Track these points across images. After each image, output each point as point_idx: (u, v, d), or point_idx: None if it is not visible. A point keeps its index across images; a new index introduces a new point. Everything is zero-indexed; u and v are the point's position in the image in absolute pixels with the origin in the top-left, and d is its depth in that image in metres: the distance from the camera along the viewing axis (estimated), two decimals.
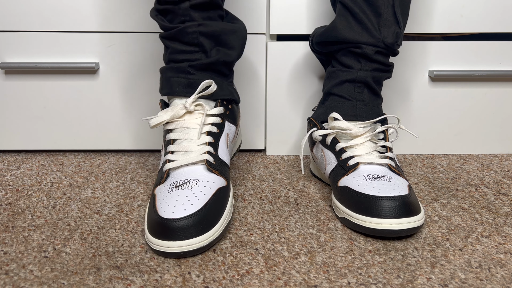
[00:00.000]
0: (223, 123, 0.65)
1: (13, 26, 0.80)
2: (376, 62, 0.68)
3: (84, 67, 0.81)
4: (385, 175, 0.63)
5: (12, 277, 0.52)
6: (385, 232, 0.58)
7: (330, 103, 0.71)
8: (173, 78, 0.64)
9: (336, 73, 0.70)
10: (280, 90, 0.85)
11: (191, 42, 0.63)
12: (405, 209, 0.58)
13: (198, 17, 0.62)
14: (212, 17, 0.63)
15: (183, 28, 0.62)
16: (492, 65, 0.84)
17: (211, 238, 0.56)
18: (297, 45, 0.83)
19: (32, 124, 0.86)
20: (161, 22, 0.64)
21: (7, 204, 0.69)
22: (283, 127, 0.87)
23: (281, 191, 0.74)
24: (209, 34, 0.63)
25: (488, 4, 0.81)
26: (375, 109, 0.70)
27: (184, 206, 0.55)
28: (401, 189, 0.60)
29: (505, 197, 0.72)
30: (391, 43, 0.66)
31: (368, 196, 0.59)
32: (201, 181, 0.59)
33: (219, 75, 0.67)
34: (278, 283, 0.52)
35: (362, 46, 0.66)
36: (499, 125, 0.88)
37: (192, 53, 0.64)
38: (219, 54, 0.64)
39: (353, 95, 0.69)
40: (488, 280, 0.52)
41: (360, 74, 0.68)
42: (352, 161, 0.65)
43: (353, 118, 0.68)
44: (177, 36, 0.63)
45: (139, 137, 0.88)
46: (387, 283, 0.52)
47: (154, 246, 0.55)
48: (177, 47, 0.64)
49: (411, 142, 0.89)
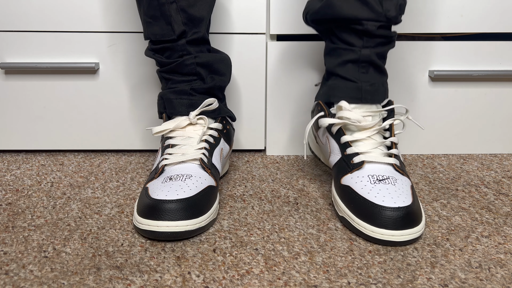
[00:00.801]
0: (219, 138, 0.72)
1: (13, 26, 0.80)
2: (379, 37, 0.65)
3: (84, 67, 0.81)
4: (390, 176, 0.62)
5: (12, 277, 0.52)
6: (385, 243, 0.58)
7: (334, 83, 0.69)
8: (176, 100, 0.70)
9: (337, 50, 0.68)
10: (280, 90, 0.85)
11: (190, 72, 0.70)
12: (407, 220, 0.57)
13: (193, 51, 0.69)
14: (203, 50, 0.71)
15: (182, 61, 0.69)
16: (492, 65, 0.84)
17: (198, 225, 0.59)
18: (297, 45, 0.83)
19: (32, 124, 0.86)
20: (160, 59, 0.70)
21: (7, 204, 0.69)
22: (283, 127, 0.87)
23: (281, 191, 0.74)
24: (204, 64, 0.70)
25: (488, 4, 0.81)
26: (381, 89, 0.67)
27: (177, 192, 0.60)
28: (405, 196, 0.59)
29: (505, 197, 0.72)
30: (394, 16, 0.63)
31: (371, 203, 0.58)
32: (194, 176, 0.64)
33: (215, 98, 0.73)
34: (278, 283, 0.52)
35: (363, 22, 0.63)
36: (499, 125, 0.88)
37: (191, 82, 0.71)
38: (215, 80, 0.71)
39: (357, 76, 0.67)
40: (488, 280, 0.52)
41: (363, 52, 0.65)
42: (357, 158, 0.64)
43: (358, 101, 0.67)
44: (176, 69, 0.70)
45: (139, 137, 0.88)
46: (387, 283, 0.52)
47: (142, 226, 0.59)
48: (178, 78, 0.71)
49: (411, 142, 0.89)
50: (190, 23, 0.68)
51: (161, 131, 0.69)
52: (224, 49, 0.83)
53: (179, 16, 0.67)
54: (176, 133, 0.69)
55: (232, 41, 0.83)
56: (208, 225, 0.62)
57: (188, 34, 0.68)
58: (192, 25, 0.68)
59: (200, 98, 0.70)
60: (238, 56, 0.83)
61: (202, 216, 0.60)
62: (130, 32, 0.82)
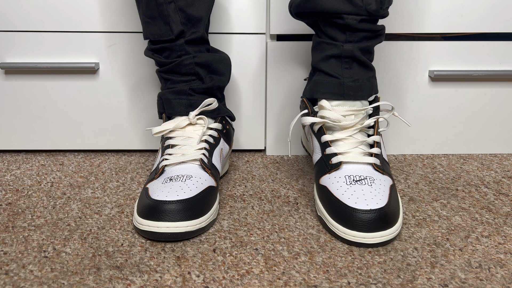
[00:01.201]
0: (219, 138, 0.72)
1: (13, 26, 0.80)
2: (362, 31, 0.63)
3: (84, 67, 0.81)
4: (367, 176, 0.61)
5: (12, 277, 0.52)
6: (358, 244, 0.58)
7: (317, 78, 0.68)
8: (175, 100, 0.70)
9: (321, 45, 0.67)
10: (280, 90, 0.85)
11: (188, 72, 0.70)
12: (380, 222, 0.57)
13: (191, 51, 0.69)
14: (202, 50, 0.71)
15: (181, 61, 0.69)
16: (492, 65, 0.84)
17: (198, 225, 0.59)
18: (297, 45, 0.83)
19: (32, 124, 0.86)
20: (158, 59, 0.70)
21: (7, 204, 0.69)
22: (283, 127, 0.87)
23: (281, 191, 0.74)
24: (202, 64, 0.70)
25: (488, 4, 0.81)
26: (366, 84, 0.66)
27: (177, 193, 0.60)
28: (380, 197, 0.59)
29: (505, 197, 0.72)
30: (375, 9, 0.61)
31: (344, 205, 0.58)
32: (194, 177, 0.63)
33: (214, 98, 0.72)
34: (278, 283, 0.52)
35: (343, 16, 0.62)
36: (499, 125, 0.88)
37: (190, 82, 0.71)
38: (214, 80, 0.71)
39: (339, 72, 0.66)
40: (488, 280, 0.52)
41: (346, 47, 0.64)
42: (335, 159, 0.64)
43: (340, 98, 0.65)
44: (175, 69, 0.70)
45: (139, 137, 0.88)
46: (387, 283, 0.52)
47: (143, 227, 0.58)
48: (176, 78, 0.71)
49: (411, 142, 0.89)
50: (189, 23, 0.68)
51: (161, 131, 0.69)
52: (224, 49, 0.83)
53: (177, 16, 0.67)
54: (175, 133, 0.69)
55: (232, 41, 0.83)
56: (209, 225, 0.62)
57: (186, 34, 0.68)
58: (191, 25, 0.68)
59: (199, 98, 0.70)
60: (238, 56, 0.83)
61: (203, 217, 0.60)
62: (130, 32, 0.82)
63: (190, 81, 0.70)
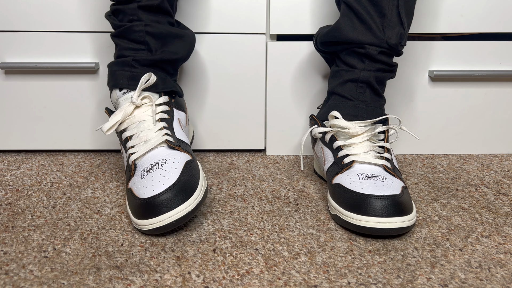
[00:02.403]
0: (172, 110, 0.69)
1: (13, 26, 0.80)
2: (379, 62, 0.68)
3: (84, 67, 0.81)
4: (379, 175, 0.63)
5: (12, 277, 0.52)
6: (373, 230, 0.58)
7: (333, 102, 0.71)
8: (118, 71, 0.68)
9: (340, 72, 0.71)
10: (280, 90, 0.85)
11: (137, 40, 0.67)
12: (394, 208, 0.58)
13: (145, 18, 0.66)
14: (161, 21, 0.68)
15: (130, 26, 0.66)
16: (492, 65, 0.84)
17: (195, 202, 0.59)
18: (297, 45, 0.83)
19: (32, 124, 0.86)
20: (113, 21, 0.68)
21: (7, 204, 0.69)
22: (283, 127, 0.87)
23: (281, 191, 0.74)
24: (155, 35, 0.67)
25: (488, 4, 0.81)
26: (377, 110, 0.70)
27: (162, 182, 0.59)
28: (392, 189, 0.60)
29: (505, 197, 0.72)
30: (394, 44, 0.67)
31: (358, 194, 0.60)
32: (168, 159, 0.62)
33: (163, 71, 0.70)
34: (278, 283, 0.52)
35: (365, 46, 0.67)
36: (499, 125, 0.88)
37: (137, 51, 0.68)
38: (164, 53, 0.68)
39: (355, 95, 0.69)
40: (488, 280, 0.52)
41: (363, 74, 0.68)
42: (347, 159, 0.66)
43: (354, 118, 0.69)
44: (125, 34, 0.67)
45: None
46: (387, 283, 0.52)
47: (145, 227, 0.58)
48: (125, 44, 0.68)
49: (411, 142, 0.89)
50: None
51: (112, 125, 0.65)
52: (224, 49, 0.83)
53: None
54: (127, 123, 0.66)
55: (232, 41, 0.83)
56: (205, 195, 0.61)
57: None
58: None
59: (142, 70, 0.67)
60: (238, 56, 0.83)
61: (195, 192, 0.59)
62: None
63: (138, 50, 0.67)
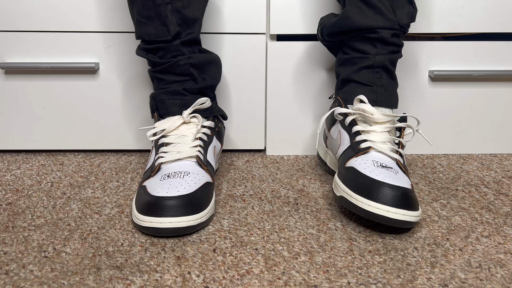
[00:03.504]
0: (212, 136, 0.73)
1: (13, 26, 0.80)
2: (391, 44, 0.68)
3: (84, 67, 0.81)
4: (392, 167, 0.63)
5: (12, 277, 0.52)
6: (380, 218, 0.58)
7: (349, 89, 0.71)
8: (168, 100, 0.71)
9: (351, 60, 0.71)
10: (280, 90, 0.85)
11: (183, 72, 0.71)
12: (405, 201, 0.58)
13: (186, 52, 0.70)
14: (195, 51, 0.72)
15: (176, 61, 0.70)
16: (492, 65, 0.84)
17: (199, 220, 0.60)
18: (297, 45, 0.83)
19: (32, 124, 0.86)
20: (153, 59, 0.71)
21: (7, 204, 0.69)
22: (283, 127, 0.87)
23: (281, 191, 0.74)
24: (196, 65, 0.71)
25: (488, 4, 0.81)
26: (394, 95, 0.70)
27: (177, 189, 0.61)
28: (405, 183, 0.60)
29: (505, 197, 0.72)
30: (406, 23, 0.67)
31: (372, 179, 0.60)
32: (191, 173, 0.64)
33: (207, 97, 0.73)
34: (278, 283, 0.52)
35: (378, 30, 0.67)
36: (499, 125, 0.88)
37: (184, 82, 0.72)
38: (206, 80, 0.73)
39: (372, 81, 0.70)
40: (488, 280, 0.52)
41: (377, 59, 0.68)
42: (364, 144, 0.65)
43: (374, 104, 0.69)
44: (170, 69, 0.71)
45: (139, 137, 0.88)
46: (387, 283, 0.52)
47: (144, 223, 0.59)
48: (170, 78, 0.72)
49: (411, 142, 0.89)
50: (185, 24, 0.69)
51: (155, 134, 0.70)
52: (224, 49, 0.83)
53: (174, 17, 0.67)
54: (170, 132, 0.70)
55: (232, 41, 0.83)
56: (208, 220, 0.63)
57: (182, 35, 0.69)
58: (186, 26, 0.69)
59: (192, 98, 0.71)
60: (238, 56, 0.83)
61: (203, 212, 0.61)
62: (130, 32, 0.82)
63: (184, 82, 0.72)
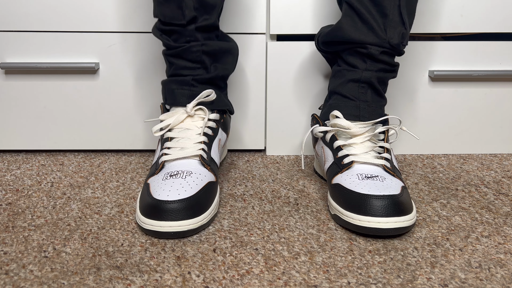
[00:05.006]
0: (217, 129, 0.72)
1: (13, 26, 0.80)
2: (381, 62, 0.68)
3: (84, 67, 0.81)
4: (378, 175, 0.63)
5: (12, 277, 0.52)
6: (373, 230, 0.58)
7: (334, 102, 0.71)
8: (177, 90, 0.70)
9: (341, 72, 0.71)
10: (280, 90, 0.85)
11: (194, 59, 0.69)
12: (394, 208, 0.58)
13: (201, 38, 0.68)
14: (211, 37, 0.70)
15: (188, 47, 0.68)
16: (492, 65, 0.84)
17: (200, 223, 0.60)
18: (297, 45, 0.83)
19: (32, 124, 0.86)
20: (166, 41, 0.69)
21: (7, 204, 0.69)
22: (283, 127, 0.87)
23: (281, 191, 0.74)
24: (210, 53, 0.69)
25: (488, 4, 0.81)
26: (378, 111, 0.70)
27: (178, 191, 0.60)
28: (392, 189, 0.60)
29: (505, 197, 0.72)
30: (396, 43, 0.67)
31: (358, 194, 0.60)
32: (194, 173, 0.64)
33: (217, 88, 0.73)
34: (278, 283, 0.52)
35: (367, 46, 0.67)
36: (499, 125, 0.88)
37: (194, 69, 0.70)
38: (218, 69, 0.71)
39: (356, 95, 0.69)
40: (488, 280, 0.52)
41: (365, 74, 0.68)
42: (347, 159, 0.66)
43: (356, 118, 0.69)
44: (182, 54, 0.69)
45: (139, 137, 0.88)
46: (387, 283, 0.52)
47: (146, 226, 0.59)
48: (181, 63, 0.70)
49: (411, 142, 0.89)
50: (202, 9, 0.66)
51: (160, 130, 0.69)
52: None
53: (191, 1, 0.65)
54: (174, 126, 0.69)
55: None
56: (210, 221, 0.63)
57: (198, 20, 0.67)
58: (204, 11, 0.67)
59: (201, 88, 0.70)
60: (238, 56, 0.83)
61: (204, 214, 0.61)
62: (130, 32, 0.82)
63: (195, 69, 0.70)
